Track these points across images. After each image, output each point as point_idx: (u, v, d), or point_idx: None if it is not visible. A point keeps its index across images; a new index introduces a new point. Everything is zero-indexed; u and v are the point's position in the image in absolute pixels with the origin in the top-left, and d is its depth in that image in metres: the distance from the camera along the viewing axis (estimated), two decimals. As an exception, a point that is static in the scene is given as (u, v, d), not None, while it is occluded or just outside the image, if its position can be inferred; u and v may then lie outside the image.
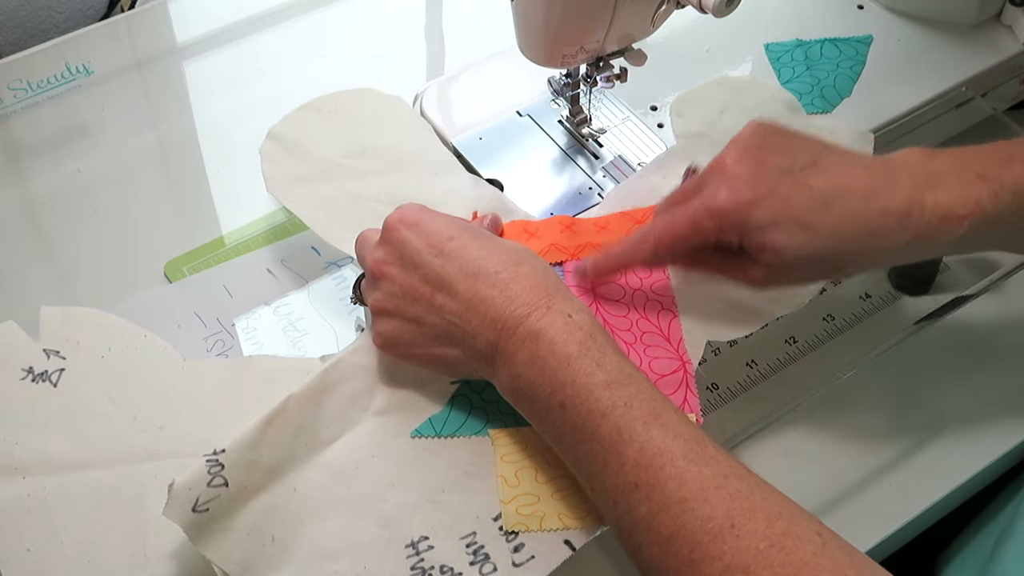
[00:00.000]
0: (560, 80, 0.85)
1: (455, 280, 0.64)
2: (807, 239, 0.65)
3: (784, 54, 0.91)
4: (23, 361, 0.71)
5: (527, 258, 0.65)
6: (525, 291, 0.63)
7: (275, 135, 0.83)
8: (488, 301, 0.63)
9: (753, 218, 0.65)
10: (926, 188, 0.66)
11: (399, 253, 0.66)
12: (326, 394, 0.68)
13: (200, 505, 0.61)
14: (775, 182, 0.65)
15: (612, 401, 0.59)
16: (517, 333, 0.62)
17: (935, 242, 0.66)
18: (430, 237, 0.65)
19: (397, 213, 0.67)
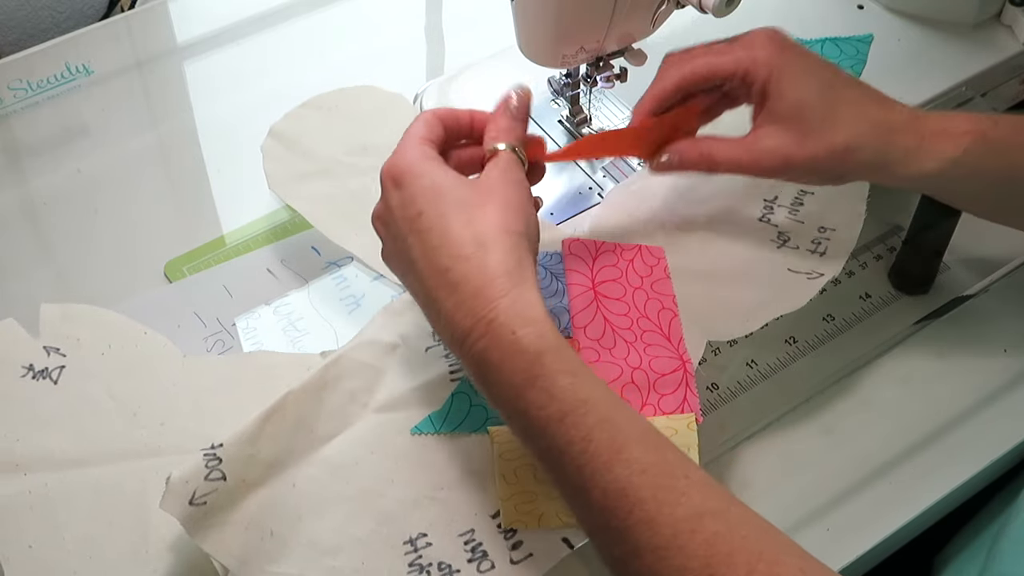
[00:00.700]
0: (560, 80, 0.85)
1: (418, 266, 0.61)
2: (826, 105, 0.68)
3: (784, 54, 0.91)
4: (24, 358, 0.71)
5: (490, 238, 0.60)
6: (469, 297, 0.58)
7: (276, 133, 0.83)
8: (439, 303, 0.60)
9: (783, 58, 0.69)
10: (931, 113, 0.70)
11: (386, 214, 0.64)
12: (326, 390, 0.68)
13: (197, 498, 0.61)
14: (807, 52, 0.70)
15: (569, 437, 0.55)
16: (464, 348, 0.59)
17: (934, 154, 0.68)
18: (405, 207, 0.62)
19: (391, 160, 0.64)
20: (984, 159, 0.69)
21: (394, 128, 0.84)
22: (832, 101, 0.69)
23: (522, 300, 0.58)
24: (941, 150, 0.69)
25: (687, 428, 0.67)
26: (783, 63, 0.69)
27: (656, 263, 0.76)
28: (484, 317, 0.58)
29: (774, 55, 0.69)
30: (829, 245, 0.77)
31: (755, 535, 0.54)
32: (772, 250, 0.77)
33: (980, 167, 0.69)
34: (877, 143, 0.69)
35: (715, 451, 0.74)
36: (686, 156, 0.72)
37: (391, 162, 0.63)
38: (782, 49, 0.70)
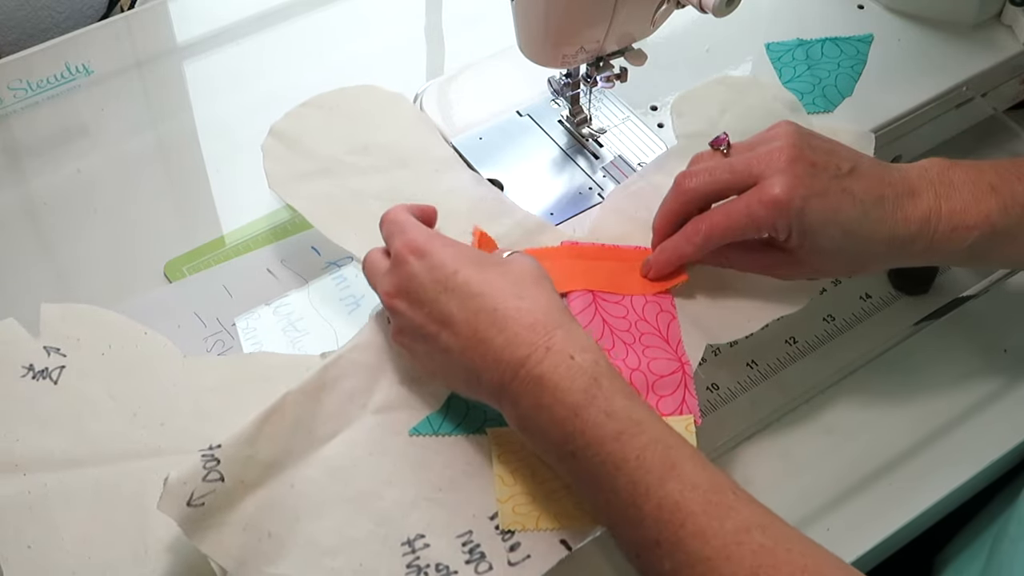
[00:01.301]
0: (560, 80, 0.85)
1: (457, 319, 0.63)
2: (847, 243, 0.69)
3: (785, 54, 0.91)
4: (24, 358, 0.71)
5: (530, 289, 0.63)
6: (524, 329, 0.61)
7: (277, 132, 0.83)
8: (487, 342, 0.62)
9: (807, 215, 0.68)
10: (943, 198, 0.70)
11: (406, 287, 0.65)
12: (325, 391, 0.68)
13: (195, 499, 0.61)
14: (826, 185, 0.69)
15: (624, 454, 0.58)
16: (519, 376, 0.61)
17: (944, 250, 0.70)
18: (435, 271, 0.64)
19: (404, 239, 0.66)
20: (992, 248, 0.71)
21: (395, 128, 0.84)
22: (856, 242, 0.69)
23: (575, 331, 0.62)
24: (950, 248, 0.70)
25: (686, 430, 0.67)
26: (806, 209, 0.68)
27: (655, 264, 0.76)
28: (542, 344, 0.61)
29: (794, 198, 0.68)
30: (829, 245, 0.77)
31: (799, 547, 0.55)
32: (772, 250, 0.77)
33: (990, 254, 0.71)
34: (895, 258, 0.71)
35: (715, 451, 0.74)
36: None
37: (405, 241, 0.66)
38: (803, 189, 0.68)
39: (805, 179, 0.68)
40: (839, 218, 0.68)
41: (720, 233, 0.70)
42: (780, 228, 0.69)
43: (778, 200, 0.68)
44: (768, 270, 0.73)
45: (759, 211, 0.68)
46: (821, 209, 0.68)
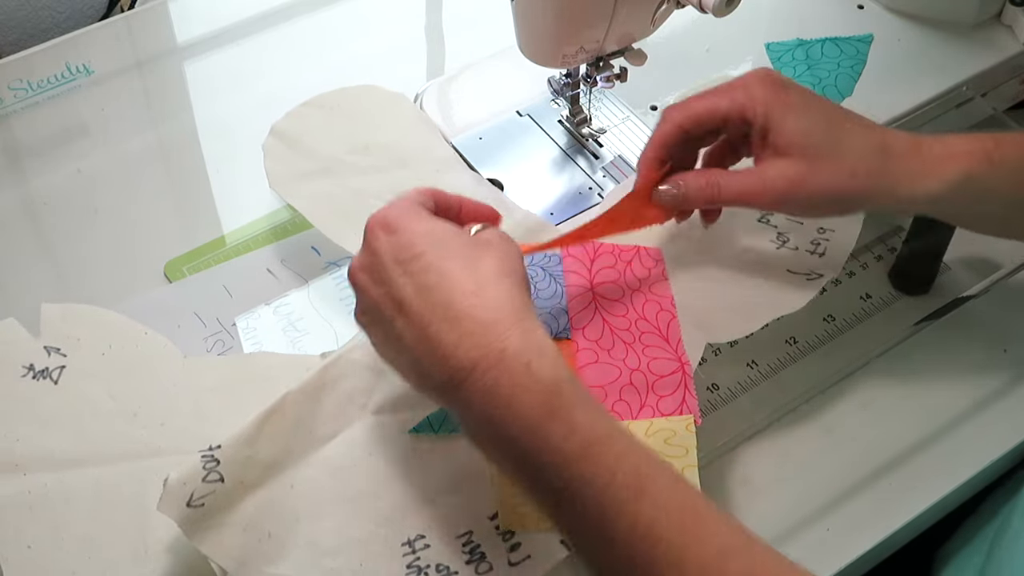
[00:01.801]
0: (560, 80, 0.85)
1: (411, 306, 0.58)
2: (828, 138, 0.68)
3: (785, 53, 0.91)
4: (24, 358, 0.71)
5: (491, 282, 0.58)
6: (478, 327, 0.56)
7: (278, 131, 0.83)
8: (437, 338, 0.57)
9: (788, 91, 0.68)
10: (931, 136, 0.70)
11: (371, 262, 0.61)
12: (325, 391, 0.68)
13: (195, 500, 0.61)
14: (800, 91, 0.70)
15: (593, 471, 0.53)
16: (468, 382, 0.56)
17: (939, 177, 0.68)
18: (399, 250, 0.59)
19: (381, 212, 0.62)
20: (989, 179, 0.69)
21: (395, 127, 0.84)
22: (834, 130, 0.68)
23: (533, 333, 0.57)
24: (945, 171, 0.68)
25: (686, 429, 0.67)
26: (781, 98, 0.68)
27: (654, 264, 0.76)
28: (494, 348, 0.55)
29: (771, 92, 0.69)
30: (828, 246, 0.77)
31: (778, 571, 0.53)
32: (771, 251, 0.77)
33: (985, 187, 0.69)
34: (882, 167, 0.68)
35: (715, 451, 0.74)
36: (694, 186, 0.70)
37: (381, 212, 0.62)
38: (778, 86, 0.69)
39: (781, 77, 0.70)
40: (816, 104, 0.69)
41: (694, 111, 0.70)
42: (757, 103, 0.68)
43: (752, 79, 0.69)
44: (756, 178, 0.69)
45: (735, 91, 0.69)
46: (797, 93, 0.69)
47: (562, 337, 0.72)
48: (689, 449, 0.66)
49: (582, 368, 0.70)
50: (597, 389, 0.69)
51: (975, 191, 0.69)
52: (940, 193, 0.68)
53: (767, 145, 0.69)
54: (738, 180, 0.70)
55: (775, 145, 0.68)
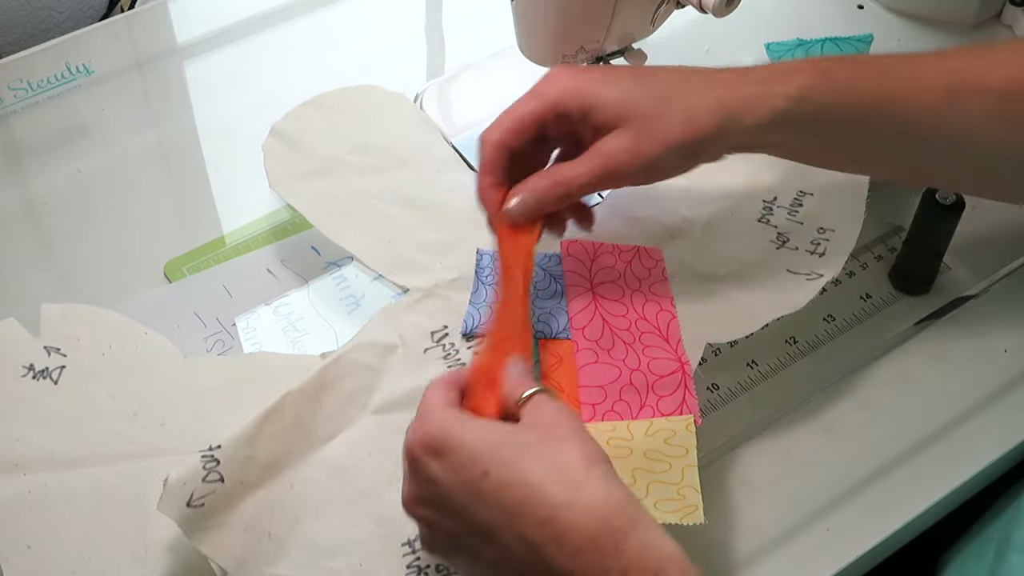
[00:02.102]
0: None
1: (502, 532, 0.53)
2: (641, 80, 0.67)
3: (785, 54, 0.91)
4: (24, 358, 0.71)
5: (579, 474, 0.53)
6: (588, 545, 0.51)
7: (278, 131, 0.83)
8: (547, 561, 0.52)
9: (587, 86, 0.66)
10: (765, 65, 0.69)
11: (429, 493, 0.56)
12: (325, 391, 0.68)
13: (195, 500, 0.61)
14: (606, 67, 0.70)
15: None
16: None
17: (782, 94, 0.66)
18: (460, 473, 0.54)
19: (417, 434, 0.56)
20: (826, 94, 0.66)
21: (396, 127, 0.84)
22: (653, 85, 0.66)
23: (650, 536, 0.53)
24: (786, 87, 0.66)
25: (686, 430, 0.66)
26: (589, 77, 0.67)
27: (655, 264, 0.76)
28: (613, 568, 0.51)
29: (577, 77, 0.67)
30: (828, 246, 0.77)
31: None
32: (771, 251, 0.77)
33: (823, 102, 0.67)
34: (718, 101, 0.66)
35: (715, 451, 0.74)
36: (539, 188, 0.67)
37: (417, 435, 0.56)
38: (582, 69, 0.69)
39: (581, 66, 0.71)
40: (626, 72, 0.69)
41: (505, 126, 0.67)
42: (566, 93, 0.66)
43: (552, 74, 0.67)
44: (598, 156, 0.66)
45: (540, 89, 0.67)
46: (604, 71, 0.69)
47: (562, 337, 0.72)
48: (689, 449, 0.65)
49: (582, 368, 0.70)
50: (597, 389, 0.69)
51: (814, 108, 0.66)
52: (785, 110, 0.66)
53: (595, 126, 0.67)
54: (582, 167, 0.67)
55: (603, 122, 0.66)
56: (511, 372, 0.60)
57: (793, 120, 0.66)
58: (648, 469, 0.64)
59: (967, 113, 0.67)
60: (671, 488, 0.63)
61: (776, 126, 0.66)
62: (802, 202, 0.79)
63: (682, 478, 0.63)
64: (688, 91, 0.66)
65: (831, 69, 0.67)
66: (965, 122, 0.67)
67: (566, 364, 0.70)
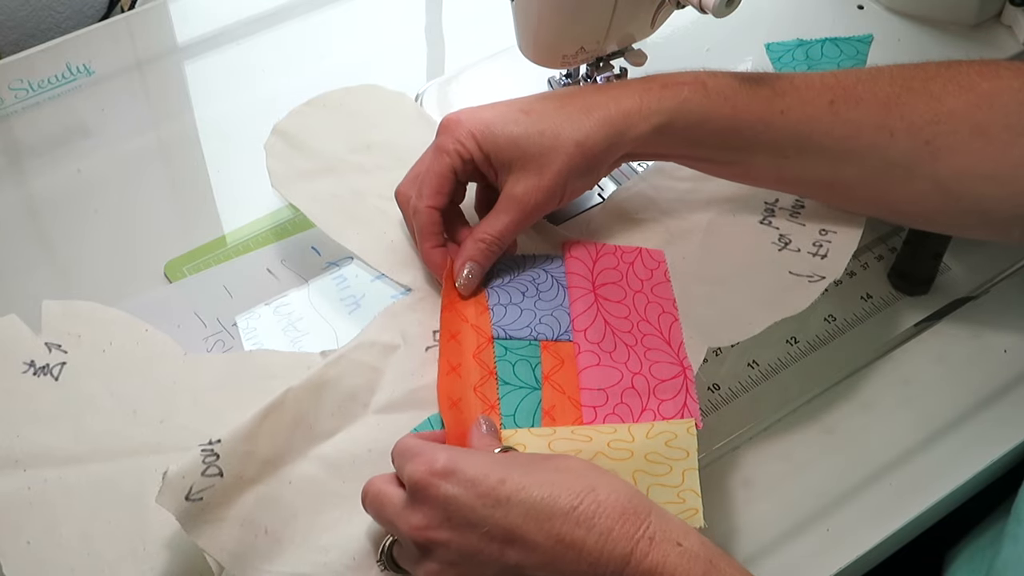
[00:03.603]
0: (560, 80, 0.85)
1: (527, 530, 0.55)
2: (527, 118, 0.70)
3: (785, 54, 0.91)
4: (25, 355, 0.71)
5: (598, 477, 0.57)
6: (616, 522, 0.55)
7: (280, 131, 0.83)
8: (577, 545, 0.55)
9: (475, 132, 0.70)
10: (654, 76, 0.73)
11: (444, 513, 0.57)
12: (326, 389, 0.68)
13: (194, 494, 0.61)
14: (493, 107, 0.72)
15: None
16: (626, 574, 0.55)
17: (659, 106, 0.70)
18: (477, 486, 0.56)
19: (423, 464, 0.58)
20: (707, 106, 0.70)
21: (397, 127, 0.85)
22: (538, 120, 0.71)
23: (666, 514, 0.57)
24: (664, 101, 0.70)
25: (686, 432, 0.66)
26: (475, 122, 0.71)
27: (656, 266, 0.76)
28: (643, 536, 0.55)
29: (464, 123, 0.71)
30: (830, 247, 0.77)
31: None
32: (773, 253, 0.77)
33: (706, 114, 0.71)
34: (602, 122, 0.70)
35: (716, 452, 0.74)
36: (477, 253, 0.73)
37: (423, 465, 0.58)
38: (467, 115, 0.72)
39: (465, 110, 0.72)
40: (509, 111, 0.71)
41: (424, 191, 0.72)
42: (462, 142, 0.70)
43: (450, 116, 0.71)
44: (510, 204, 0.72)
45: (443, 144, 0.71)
46: (487, 110, 0.71)
47: (564, 339, 0.72)
48: (690, 452, 0.65)
49: (583, 371, 0.70)
50: (598, 392, 0.69)
51: (691, 121, 0.71)
52: (663, 124, 0.71)
53: (497, 166, 0.71)
54: (505, 218, 0.72)
55: (503, 165, 0.71)
56: (479, 433, 0.64)
57: (672, 131, 0.71)
58: (649, 472, 0.64)
59: (849, 124, 0.71)
60: (671, 491, 0.63)
61: (657, 136, 0.71)
62: (804, 203, 0.79)
63: (683, 481, 0.63)
64: (570, 117, 0.71)
65: (708, 82, 0.71)
66: (848, 132, 0.71)
67: (568, 367, 0.70)
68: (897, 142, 0.71)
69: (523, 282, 0.75)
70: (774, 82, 0.72)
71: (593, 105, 0.71)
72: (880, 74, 0.72)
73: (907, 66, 0.73)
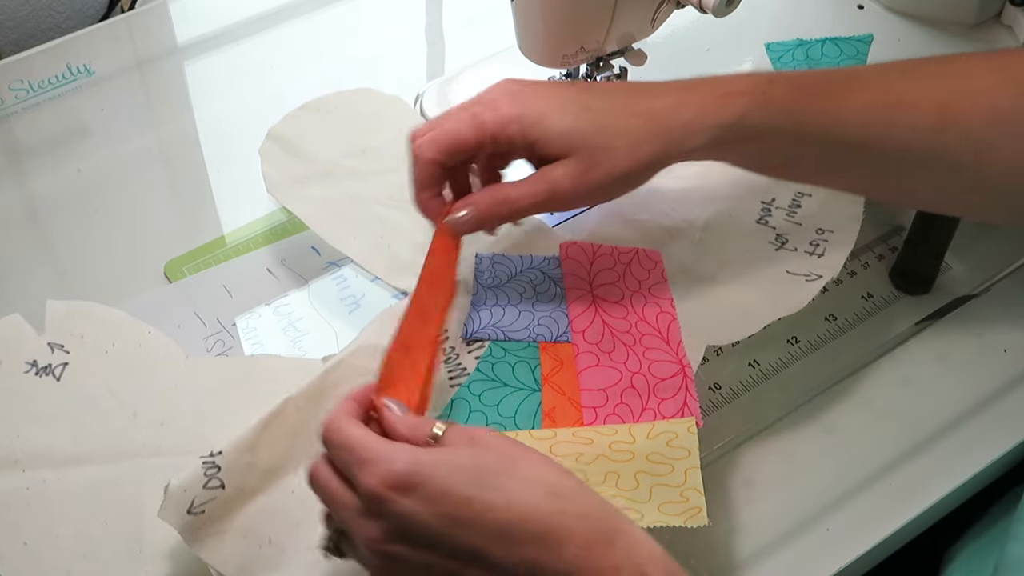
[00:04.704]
0: (560, 80, 0.85)
1: (492, 552, 0.53)
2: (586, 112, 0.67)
3: (785, 54, 0.91)
4: (28, 354, 0.71)
5: (569, 495, 0.55)
6: (583, 551, 0.53)
7: (275, 135, 0.83)
8: (540, 566, 0.53)
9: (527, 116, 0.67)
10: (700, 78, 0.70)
11: (401, 529, 0.54)
12: (326, 396, 0.68)
13: (196, 507, 0.61)
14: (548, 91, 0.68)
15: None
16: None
17: (717, 121, 0.67)
18: (438, 504, 0.53)
19: (377, 476, 0.54)
20: (767, 116, 0.68)
21: (392, 131, 0.84)
22: (596, 116, 0.68)
23: (634, 535, 0.55)
24: (722, 115, 0.68)
25: (687, 432, 0.66)
26: (532, 107, 0.68)
27: (654, 266, 0.76)
28: (608, 567, 0.53)
29: (518, 104, 0.68)
30: (827, 247, 0.77)
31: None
32: (770, 252, 0.77)
33: (765, 124, 0.68)
34: (658, 131, 0.68)
35: (716, 451, 0.74)
36: (482, 205, 0.69)
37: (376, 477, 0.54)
38: (522, 97, 0.68)
39: (523, 83, 0.69)
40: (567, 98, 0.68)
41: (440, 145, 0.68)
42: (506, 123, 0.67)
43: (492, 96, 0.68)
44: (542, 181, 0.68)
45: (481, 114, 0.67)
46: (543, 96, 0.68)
47: (562, 340, 0.72)
48: (691, 451, 0.65)
49: (583, 372, 0.70)
50: (598, 392, 0.69)
51: (750, 133, 0.68)
52: (721, 137, 0.68)
53: (539, 155, 0.68)
54: (527, 190, 0.68)
55: (546, 153, 0.68)
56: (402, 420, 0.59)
57: (730, 142, 0.69)
58: (651, 472, 0.64)
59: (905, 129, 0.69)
60: (674, 491, 0.63)
61: (711, 147, 0.69)
62: (800, 203, 0.79)
63: (685, 480, 0.63)
64: (629, 121, 0.68)
65: (768, 91, 0.68)
66: (905, 137, 0.69)
67: (567, 368, 0.70)
68: (952, 144, 0.69)
69: (521, 284, 0.75)
70: (832, 88, 0.69)
71: (653, 113, 0.68)
72: (927, 70, 0.70)
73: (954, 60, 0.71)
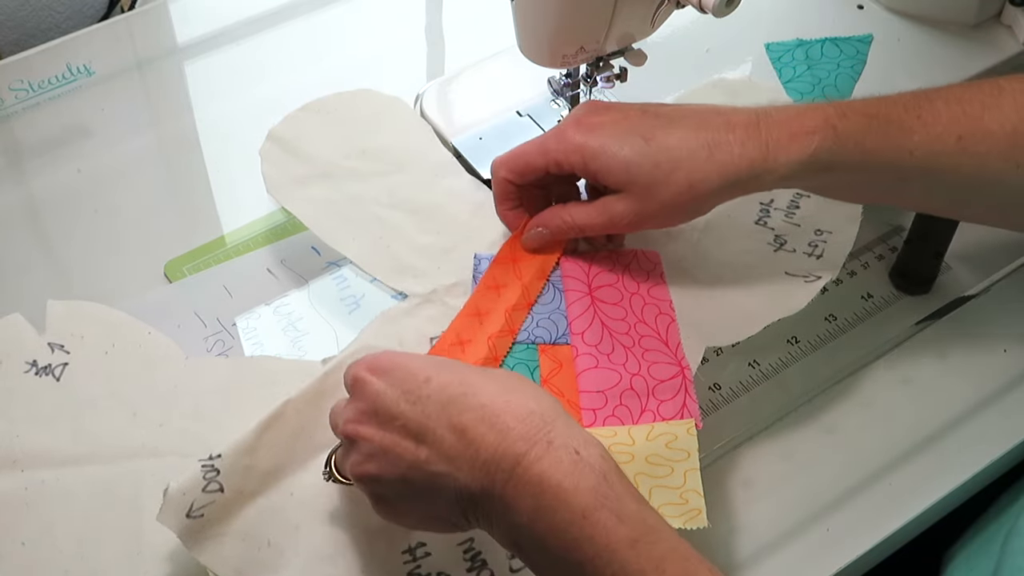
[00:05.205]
0: (560, 80, 0.85)
1: (437, 425, 0.56)
2: (645, 147, 0.68)
3: (785, 54, 0.91)
4: (28, 354, 0.71)
5: (518, 384, 0.58)
6: (519, 422, 0.55)
7: (275, 136, 0.83)
8: (477, 441, 0.55)
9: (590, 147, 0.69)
10: (771, 110, 0.69)
11: (372, 407, 0.58)
12: (325, 398, 0.67)
13: (195, 511, 0.61)
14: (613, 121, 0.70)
15: (641, 565, 0.52)
16: (515, 476, 0.54)
17: (785, 160, 0.67)
18: (404, 383, 0.57)
19: (364, 361, 0.60)
20: (837, 153, 0.68)
21: (393, 132, 0.84)
22: (658, 151, 0.68)
23: (573, 424, 0.56)
24: (791, 153, 0.68)
25: (687, 433, 0.66)
26: (591, 140, 0.70)
27: (652, 267, 0.76)
28: (542, 439, 0.54)
29: (581, 135, 0.70)
30: (826, 248, 0.77)
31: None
32: (769, 253, 0.77)
33: (835, 160, 0.68)
34: (717, 170, 0.68)
35: (716, 451, 0.74)
36: (553, 225, 0.74)
37: (363, 364, 0.60)
38: (588, 126, 0.70)
39: (594, 109, 0.71)
40: (631, 129, 0.69)
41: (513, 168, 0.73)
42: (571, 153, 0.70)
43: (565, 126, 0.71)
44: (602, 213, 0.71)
45: (550, 143, 0.71)
46: (610, 125, 0.69)
47: (561, 342, 0.72)
48: (691, 452, 0.65)
49: (582, 373, 0.70)
50: (597, 394, 0.69)
51: (820, 167, 0.68)
52: (789, 173, 0.68)
53: (600, 185, 0.71)
54: (590, 215, 0.72)
55: (606, 183, 0.70)
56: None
57: (795, 180, 0.69)
58: (650, 474, 0.63)
59: (976, 158, 0.69)
60: (674, 492, 0.63)
61: (777, 184, 0.69)
62: (799, 204, 0.79)
63: (684, 482, 0.63)
64: (691, 158, 0.68)
65: (839, 125, 0.68)
66: (975, 166, 0.69)
67: (566, 370, 0.70)
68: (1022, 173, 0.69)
69: (520, 285, 0.75)
70: (902, 117, 0.69)
71: (717, 145, 0.68)
72: (1002, 95, 0.70)
73: None
